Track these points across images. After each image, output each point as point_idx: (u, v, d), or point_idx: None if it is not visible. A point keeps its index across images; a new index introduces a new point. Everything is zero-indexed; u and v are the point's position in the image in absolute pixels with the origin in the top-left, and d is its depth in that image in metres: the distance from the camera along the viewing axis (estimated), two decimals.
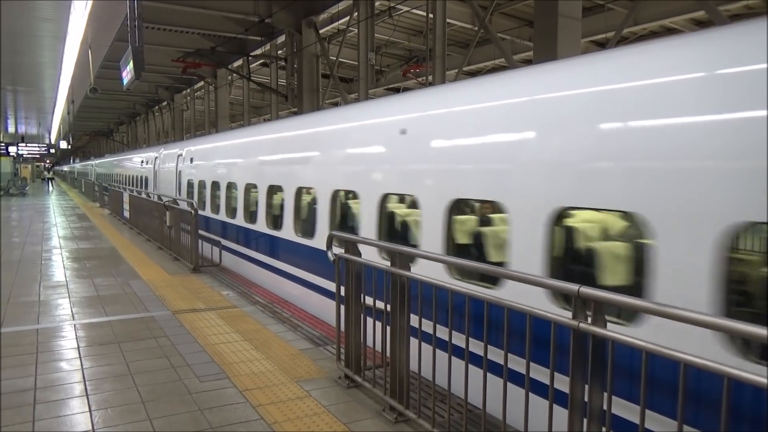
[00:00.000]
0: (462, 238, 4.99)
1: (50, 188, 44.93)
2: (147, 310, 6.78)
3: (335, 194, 6.74)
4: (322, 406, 4.08)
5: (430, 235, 4.92)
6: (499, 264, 4.22)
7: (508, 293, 3.62)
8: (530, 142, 4.05)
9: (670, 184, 3.04)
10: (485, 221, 4.96)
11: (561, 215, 3.74)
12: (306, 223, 7.60)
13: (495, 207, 4.45)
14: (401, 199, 6.15)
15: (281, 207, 8.15)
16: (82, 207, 24.00)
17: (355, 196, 6.47)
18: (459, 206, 4.82)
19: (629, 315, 3.23)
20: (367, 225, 5.93)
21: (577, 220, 4.04)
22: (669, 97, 3.15)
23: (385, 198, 5.74)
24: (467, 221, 5.10)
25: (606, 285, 3.63)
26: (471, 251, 4.93)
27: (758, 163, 2.64)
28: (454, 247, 4.81)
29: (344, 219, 6.91)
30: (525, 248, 3.92)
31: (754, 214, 2.66)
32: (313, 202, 7.29)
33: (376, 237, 5.72)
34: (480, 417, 3.26)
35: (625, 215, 3.49)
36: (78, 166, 59.71)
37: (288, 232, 7.85)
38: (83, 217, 19.41)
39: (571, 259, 4.10)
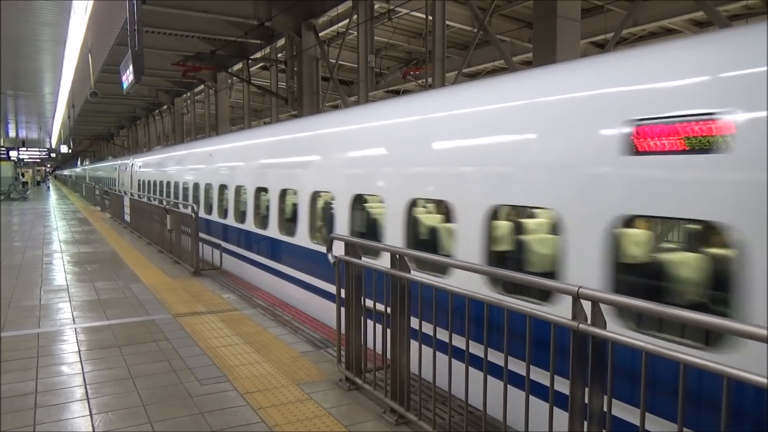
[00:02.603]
0: (504, 247, 4.67)
1: (49, 186, 46.68)
2: (148, 313, 6.78)
3: (356, 199, 6.35)
4: (322, 409, 4.08)
5: (465, 243, 4.53)
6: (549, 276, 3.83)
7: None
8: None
9: None
10: (530, 229, 4.64)
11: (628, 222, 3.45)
12: (291, 225, 7.66)
13: (547, 214, 4.12)
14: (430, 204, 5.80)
15: (294, 212, 7.87)
16: (83, 211, 24.02)
17: (379, 202, 6.10)
18: (501, 212, 4.51)
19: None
20: (393, 233, 5.48)
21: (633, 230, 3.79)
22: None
23: (413, 204, 5.33)
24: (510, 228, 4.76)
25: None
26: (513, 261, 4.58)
27: None
28: (494, 257, 4.43)
29: (367, 227, 6.53)
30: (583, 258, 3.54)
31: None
32: (328, 206, 7.05)
33: (403, 247, 5.27)
34: (480, 419, 3.26)
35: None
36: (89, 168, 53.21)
37: (303, 238, 7.47)
38: (84, 221, 19.42)
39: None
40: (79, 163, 75.89)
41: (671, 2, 14.76)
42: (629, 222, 3.41)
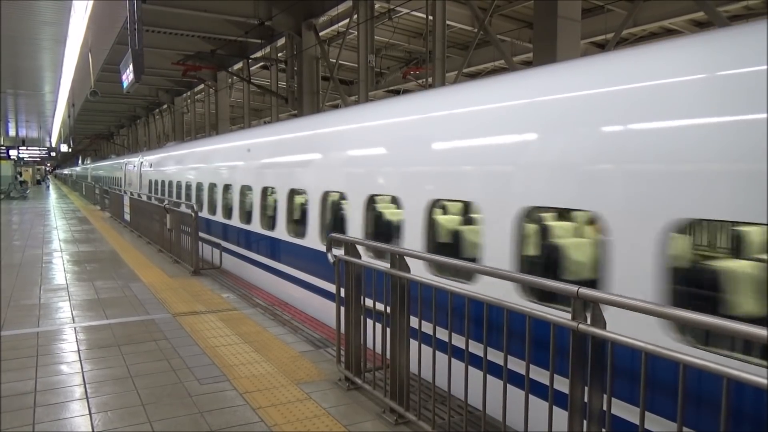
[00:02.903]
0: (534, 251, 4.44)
1: (49, 183, 46.75)
2: (147, 312, 6.78)
3: (370, 200, 5.97)
4: (322, 409, 4.08)
5: (492, 249, 4.21)
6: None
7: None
8: None
9: None
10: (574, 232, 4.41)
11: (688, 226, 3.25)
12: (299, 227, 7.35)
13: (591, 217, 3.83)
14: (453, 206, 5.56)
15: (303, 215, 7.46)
16: (82, 210, 24.01)
17: (395, 203, 5.78)
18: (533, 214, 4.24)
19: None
20: (412, 237, 5.13)
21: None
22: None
23: (433, 205, 5.06)
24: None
25: None
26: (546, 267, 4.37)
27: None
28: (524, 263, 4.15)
29: (383, 229, 6.24)
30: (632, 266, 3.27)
31: None
32: (338, 207, 6.84)
33: (423, 251, 4.96)
34: (480, 419, 3.26)
35: None
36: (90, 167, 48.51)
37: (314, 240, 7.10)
38: (84, 220, 19.42)
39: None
40: (80, 161, 73.67)
41: (672, 2, 14.75)
42: None
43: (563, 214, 5.40)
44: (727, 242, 5.31)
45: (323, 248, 6.54)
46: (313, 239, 7.08)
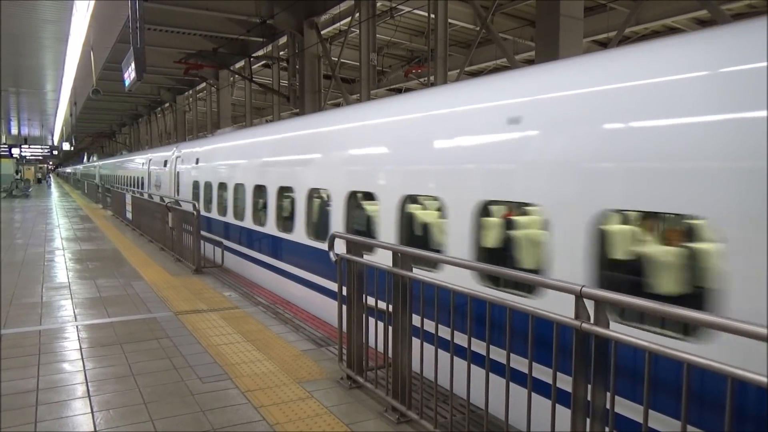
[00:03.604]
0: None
1: (51, 182, 46.57)
2: (149, 311, 6.78)
3: (405, 200, 5.41)
4: (324, 407, 4.07)
5: (564, 258, 3.69)
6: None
7: None
8: None
9: None
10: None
11: None
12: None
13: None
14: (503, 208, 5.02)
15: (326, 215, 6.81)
16: (84, 208, 24.04)
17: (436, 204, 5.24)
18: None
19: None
20: (458, 245, 4.57)
21: None
22: None
23: (486, 207, 4.52)
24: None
25: None
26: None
27: None
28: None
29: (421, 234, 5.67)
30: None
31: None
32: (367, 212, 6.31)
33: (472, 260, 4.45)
34: (482, 417, 3.25)
35: None
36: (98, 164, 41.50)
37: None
38: (86, 218, 19.44)
39: None
40: (85, 158, 68.69)
41: (674, 1, 14.72)
42: None
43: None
44: None
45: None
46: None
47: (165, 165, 16.53)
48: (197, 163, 13.01)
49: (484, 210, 4.49)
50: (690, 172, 3.01)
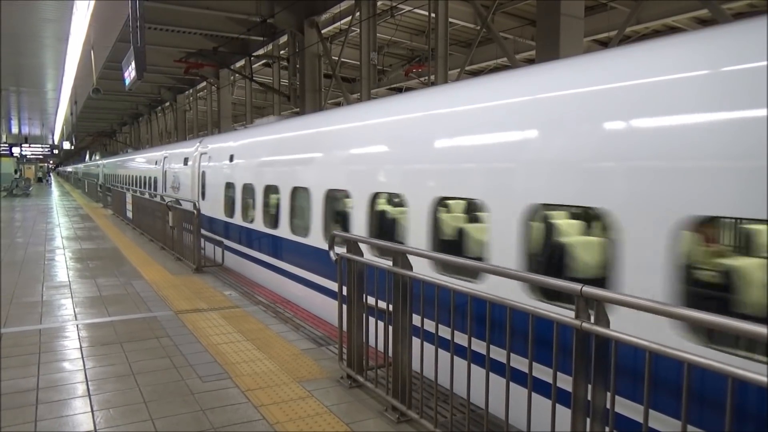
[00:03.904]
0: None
1: (51, 181, 46.41)
2: (149, 310, 6.78)
3: (437, 203, 4.87)
4: (324, 407, 4.07)
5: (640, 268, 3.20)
6: None
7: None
8: None
9: None
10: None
11: None
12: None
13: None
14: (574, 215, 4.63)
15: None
16: (85, 208, 24.04)
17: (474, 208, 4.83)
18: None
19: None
20: (504, 255, 4.06)
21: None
22: None
23: (540, 211, 4.06)
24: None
25: None
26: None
27: None
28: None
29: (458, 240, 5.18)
30: None
31: None
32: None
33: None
34: (482, 417, 3.25)
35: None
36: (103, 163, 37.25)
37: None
38: (86, 217, 19.44)
39: None
40: (87, 157, 65.84)
41: (675, 0, 14.70)
42: None
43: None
44: None
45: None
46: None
47: (185, 163, 13.91)
48: (232, 160, 10.51)
49: (539, 214, 4.06)
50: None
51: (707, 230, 4.04)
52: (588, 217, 5.05)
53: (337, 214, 6.85)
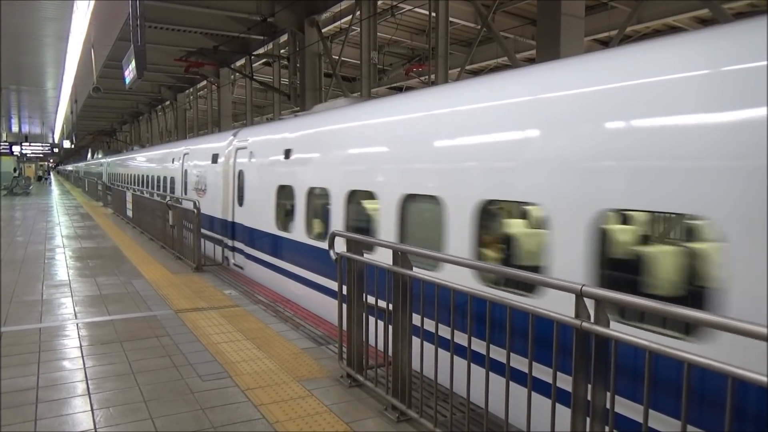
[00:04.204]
0: None
1: (51, 180, 46.23)
2: (149, 309, 6.79)
3: (483, 206, 4.33)
4: (324, 406, 4.07)
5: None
6: None
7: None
8: None
9: None
10: None
11: None
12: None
13: None
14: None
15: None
16: (85, 206, 24.04)
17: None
18: None
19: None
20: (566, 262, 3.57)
21: None
22: None
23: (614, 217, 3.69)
24: None
25: None
26: None
27: None
28: None
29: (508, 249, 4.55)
30: None
31: None
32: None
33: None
34: (482, 416, 3.25)
35: None
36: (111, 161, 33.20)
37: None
38: (86, 216, 19.44)
39: None
40: (89, 155, 63.15)
41: (675, 0, 14.70)
42: None
43: None
44: None
45: None
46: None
47: (215, 160, 11.40)
48: (288, 156, 7.91)
49: (614, 221, 3.66)
50: None
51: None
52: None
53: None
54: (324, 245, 6.00)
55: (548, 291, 3.50)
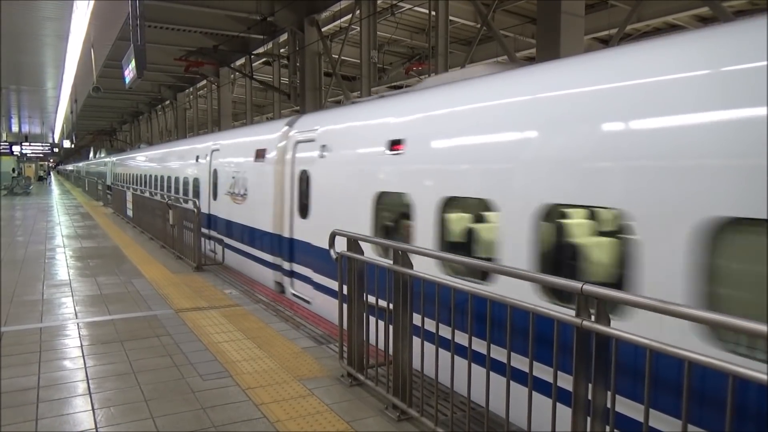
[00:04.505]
0: None
1: (51, 179, 46.12)
2: (150, 308, 6.79)
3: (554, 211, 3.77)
4: (324, 405, 4.07)
5: None
6: None
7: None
8: None
9: None
10: None
11: None
12: None
13: None
14: None
15: None
16: (85, 206, 24.04)
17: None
18: None
19: None
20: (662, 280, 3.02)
21: None
22: None
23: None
24: None
25: None
26: None
27: None
28: None
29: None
30: None
31: None
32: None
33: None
34: (483, 415, 3.25)
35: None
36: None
37: None
38: (86, 216, 19.44)
39: None
40: (92, 154, 60.79)
41: None
42: None
43: None
44: None
45: None
46: None
47: (259, 157, 8.86)
48: (397, 148, 5.37)
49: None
50: None
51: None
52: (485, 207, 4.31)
53: None
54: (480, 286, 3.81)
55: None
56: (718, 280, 2.78)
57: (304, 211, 7.31)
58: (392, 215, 5.60)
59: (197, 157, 12.76)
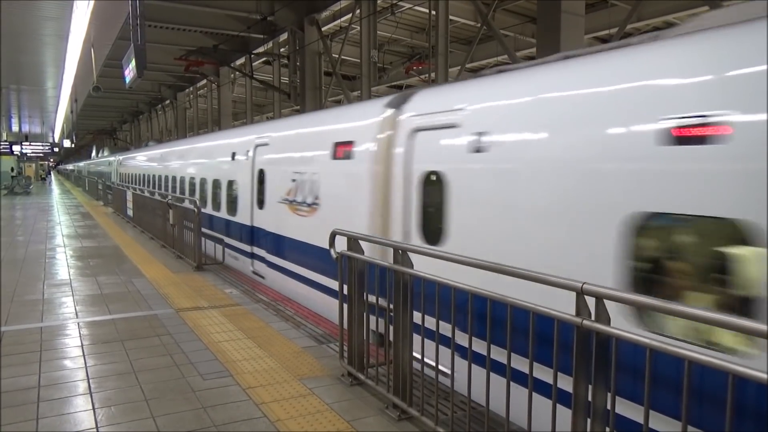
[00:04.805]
0: None
1: (51, 179, 46.15)
2: (150, 308, 6.79)
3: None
4: (325, 404, 4.08)
5: None
6: None
7: None
8: None
9: None
10: None
11: None
12: None
13: None
14: None
15: None
16: (85, 206, 24.05)
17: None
18: None
19: None
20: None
21: None
22: None
23: None
24: None
25: None
26: None
27: None
28: None
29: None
30: None
31: None
32: None
33: None
34: (483, 415, 3.25)
35: None
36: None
37: None
38: (87, 215, 19.45)
39: None
40: (94, 153, 58.87)
41: None
42: None
43: None
44: None
45: None
46: None
47: (342, 153, 6.43)
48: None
49: None
50: None
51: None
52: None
53: None
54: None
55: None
56: None
57: (434, 235, 4.84)
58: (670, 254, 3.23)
59: (233, 154, 10.27)
